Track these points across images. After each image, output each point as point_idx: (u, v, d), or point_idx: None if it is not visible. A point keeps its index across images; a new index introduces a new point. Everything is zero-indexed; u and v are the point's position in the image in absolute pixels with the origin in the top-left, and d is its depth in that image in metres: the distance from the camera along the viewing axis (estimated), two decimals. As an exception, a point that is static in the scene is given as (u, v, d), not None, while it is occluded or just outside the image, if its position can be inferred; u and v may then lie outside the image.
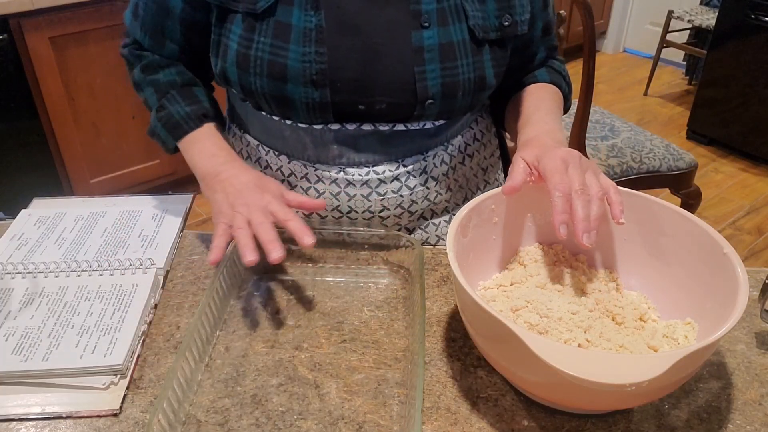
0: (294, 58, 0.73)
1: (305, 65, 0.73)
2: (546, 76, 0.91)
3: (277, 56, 0.74)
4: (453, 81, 0.76)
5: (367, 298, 0.77)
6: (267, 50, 0.74)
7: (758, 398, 0.64)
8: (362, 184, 0.82)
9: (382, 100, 0.77)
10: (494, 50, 0.79)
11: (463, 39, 0.76)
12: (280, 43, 0.74)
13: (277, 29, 0.73)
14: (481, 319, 0.58)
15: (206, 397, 0.64)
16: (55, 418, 0.62)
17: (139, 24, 0.83)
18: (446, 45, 0.75)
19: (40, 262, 0.80)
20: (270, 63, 0.74)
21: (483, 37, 0.77)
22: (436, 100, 0.77)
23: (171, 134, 0.82)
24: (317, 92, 0.75)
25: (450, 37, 0.75)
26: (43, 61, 2.07)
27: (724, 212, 2.65)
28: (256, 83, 0.76)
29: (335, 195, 0.83)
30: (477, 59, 0.77)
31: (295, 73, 0.74)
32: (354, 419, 0.61)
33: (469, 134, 0.89)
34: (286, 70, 0.74)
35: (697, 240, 0.65)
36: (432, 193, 0.86)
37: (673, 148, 1.97)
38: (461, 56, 0.76)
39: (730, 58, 2.92)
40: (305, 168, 0.83)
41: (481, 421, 0.61)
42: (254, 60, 0.75)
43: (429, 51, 0.75)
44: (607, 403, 0.58)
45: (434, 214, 0.89)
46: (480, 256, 0.71)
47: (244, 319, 0.74)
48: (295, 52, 0.73)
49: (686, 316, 0.65)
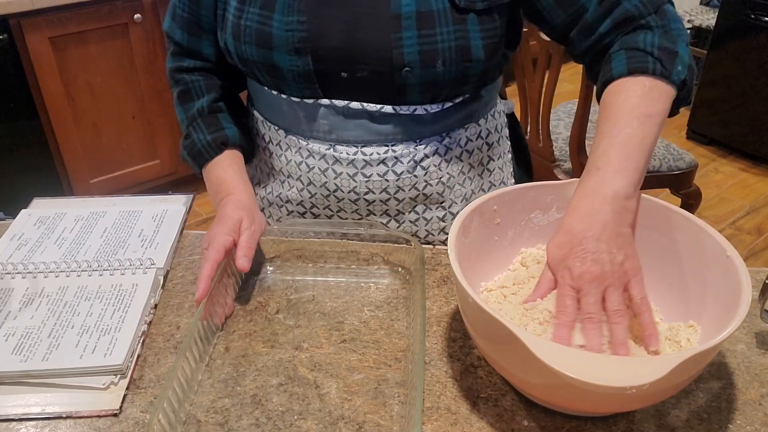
0: (278, 27, 0.78)
1: (288, 33, 0.77)
2: (622, 67, 0.71)
3: (264, 25, 0.78)
4: (431, 49, 0.76)
5: (367, 298, 0.77)
6: (256, 19, 0.79)
7: (758, 398, 0.64)
8: (348, 163, 0.83)
9: (363, 67, 0.78)
10: (482, 20, 0.78)
11: (444, 8, 0.76)
12: (266, 12, 0.78)
13: (264, 0, 0.78)
14: (481, 321, 0.58)
15: (206, 397, 0.64)
16: (55, 418, 0.62)
17: (177, 24, 0.89)
18: (425, 13, 0.76)
19: (40, 262, 0.80)
20: (258, 31, 0.79)
21: (466, 5, 0.76)
22: (414, 68, 0.77)
23: (195, 162, 0.89)
24: (300, 60, 0.78)
25: (429, 5, 0.76)
26: (43, 61, 2.07)
27: (724, 212, 2.65)
28: (247, 51, 0.81)
29: (323, 171, 0.85)
30: (459, 28, 0.77)
31: (279, 41, 0.78)
32: (354, 419, 0.61)
33: (474, 130, 0.89)
34: (271, 38, 0.78)
35: (700, 242, 0.65)
36: (421, 182, 0.86)
37: (673, 148, 1.97)
38: (440, 24, 0.76)
39: (730, 58, 2.92)
40: (299, 142, 0.86)
41: (481, 421, 0.61)
42: (245, 29, 0.80)
43: (406, 18, 0.76)
44: (608, 406, 0.58)
45: (426, 208, 0.88)
46: (482, 257, 0.71)
47: (244, 319, 0.74)
48: (279, 21, 0.78)
49: (689, 318, 0.65)
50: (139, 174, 2.49)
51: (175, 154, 2.54)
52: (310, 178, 0.86)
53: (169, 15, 0.91)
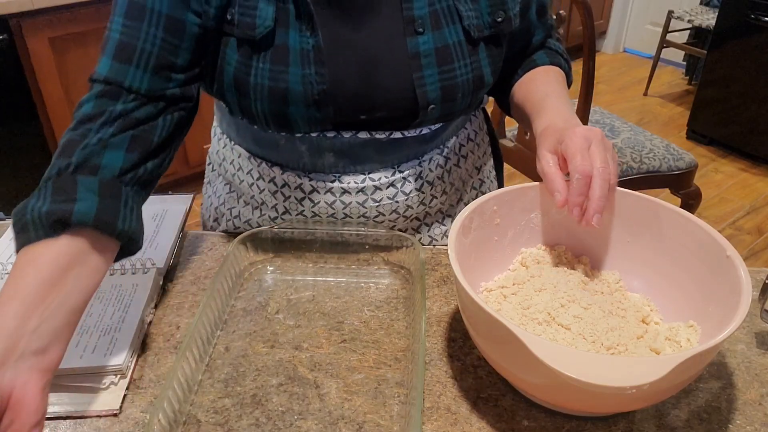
0: (294, 81, 0.72)
1: (307, 87, 0.72)
2: (546, 59, 0.88)
3: (278, 81, 0.72)
4: (452, 84, 0.76)
5: (367, 298, 0.77)
6: (267, 75, 0.72)
7: (758, 398, 0.64)
8: (358, 192, 0.82)
9: (382, 109, 0.76)
10: (489, 48, 0.79)
11: (458, 41, 0.75)
12: (280, 67, 0.71)
13: (275, 54, 0.71)
14: (482, 321, 0.58)
15: (206, 397, 0.64)
16: (56, 418, 0.62)
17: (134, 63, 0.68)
18: (442, 48, 0.75)
19: (40, 262, 0.80)
20: (271, 89, 0.72)
21: (478, 36, 0.76)
22: (437, 104, 0.76)
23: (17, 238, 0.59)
24: (320, 112, 0.74)
25: (445, 40, 0.75)
26: (43, 61, 2.07)
27: (724, 212, 2.65)
28: (257, 107, 0.74)
29: (330, 204, 0.82)
30: (474, 59, 0.77)
31: (296, 95, 0.72)
32: (354, 419, 0.61)
33: (464, 134, 0.89)
34: (287, 94, 0.72)
35: (700, 242, 0.65)
36: (428, 197, 0.86)
37: (673, 148, 1.97)
38: (458, 58, 0.76)
39: (730, 58, 2.92)
40: (299, 178, 0.81)
41: (481, 421, 0.61)
42: (254, 87, 0.73)
43: (425, 56, 0.74)
44: (608, 406, 0.58)
45: (428, 216, 0.89)
46: (482, 257, 0.71)
47: (244, 319, 0.74)
48: (294, 74, 0.71)
49: (689, 318, 0.65)
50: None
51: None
52: (315, 212, 0.83)
53: (109, 55, 0.68)
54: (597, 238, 0.74)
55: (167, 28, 0.69)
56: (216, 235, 0.89)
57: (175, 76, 0.71)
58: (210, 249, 0.86)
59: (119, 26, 0.68)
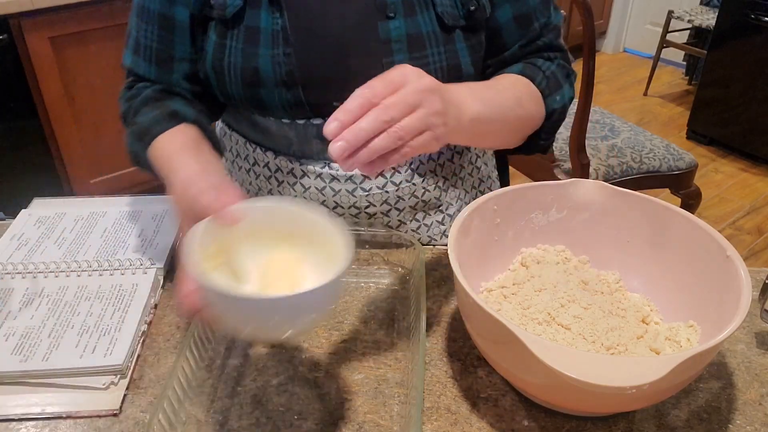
0: (264, 61, 0.74)
1: (275, 67, 0.75)
2: (518, 69, 0.81)
3: (249, 60, 0.75)
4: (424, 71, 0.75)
5: (367, 298, 0.77)
6: (240, 54, 0.75)
7: (758, 398, 0.64)
8: (346, 180, 0.82)
9: None
10: (468, 37, 0.78)
11: (432, 30, 0.76)
12: (251, 47, 0.74)
13: (247, 34, 0.75)
14: (482, 321, 0.58)
15: (206, 397, 0.64)
16: (55, 418, 0.62)
17: (143, 56, 0.80)
18: (414, 35, 0.75)
19: (40, 262, 0.80)
20: (243, 69, 0.75)
21: (452, 24, 0.76)
22: None
23: (141, 142, 0.72)
24: (289, 93, 0.76)
25: (418, 27, 0.75)
26: (43, 61, 2.07)
27: (724, 212, 2.65)
28: (232, 88, 0.77)
29: (320, 190, 0.84)
30: (449, 48, 0.77)
31: (266, 75, 0.75)
32: (354, 419, 0.61)
33: None
34: (258, 74, 0.75)
35: (700, 242, 0.65)
36: (419, 189, 0.86)
37: (673, 148, 1.97)
38: (431, 45, 0.76)
39: (730, 58, 2.92)
40: (291, 163, 0.84)
41: (481, 421, 0.61)
42: (228, 66, 0.76)
43: (396, 42, 0.75)
44: (608, 406, 0.58)
45: (425, 214, 0.88)
46: (482, 257, 0.71)
47: (244, 319, 0.74)
48: (264, 55, 0.74)
49: (689, 318, 0.65)
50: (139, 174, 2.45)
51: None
52: (306, 198, 0.85)
53: (130, 49, 0.81)
54: (597, 238, 0.74)
55: (161, 25, 0.78)
56: (216, 235, 0.89)
57: (177, 66, 0.79)
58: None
59: (133, 23, 0.81)
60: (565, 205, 0.74)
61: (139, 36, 0.79)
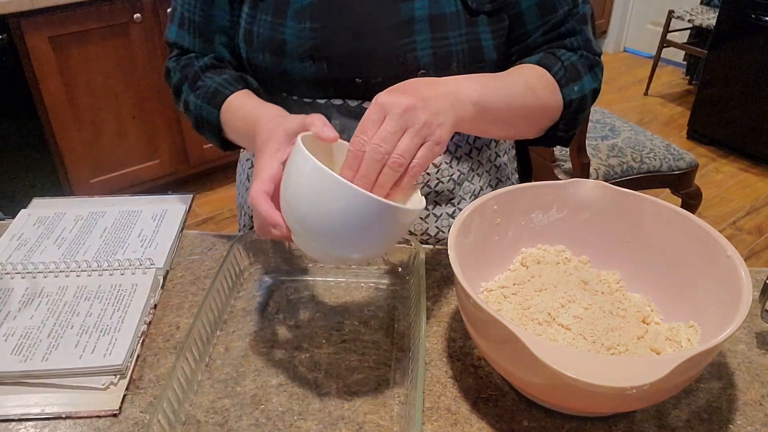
0: (291, 34, 0.78)
1: (301, 40, 0.77)
2: (534, 60, 0.80)
3: (276, 32, 0.78)
4: (446, 51, 0.77)
5: (367, 298, 0.77)
6: (268, 26, 0.79)
7: (759, 398, 0.64)
8: None
9: (377, 73, 0.78)
10: (492, 21, 0.79)
11: (456, 10, 0.76)
12: (278, 19, 0.78)
13: (276, 8, 0.79)
14: (482, 321, 0.58)
15: (206, 397, 0.64)
16: (55, 418, 0.62)
17: (186, 29, 0.85)
18: (437, 16, 0.76)
19: (40, 262, 0.80)
20: (270, 38, 0.79)
21: (477, 7, 0.77)
22: (429, 71, 0.77)
23: (211, 104, 0.80)
24: (314, 66, 0.78)
25: (441, 9, 0.76)
26: (43, 60, 2.07)
27: (725, 212, 2.65)
28: (259, 57, 0.80)
29: None
30: (471, 30, 0.77)
31: (291, 47, 0.78)
32: (354, 419, 0.61)
33: None
34: (284, 45, 0.78)
35: (701, 242, 0.65)
36: (433, 180, 0.86)
37: (673, 148, 1.97)
38: (453, 27, 0.76)
39: (730, 57, 2.92)
40: None
41: (481, 422, 0.61)
42: (256, 36, 0.80)
43: (419, 21, 0.76)
44: (609, 406, 0.57)
45: (436, 205, 0.88)
46: (482, 257, 0.71)
47: (244, 319, 0.74)
48: (291, 27, 0.78)
49: (689, 318, 0.65)
50: (139, 174, 2.49)
51: (175, 153, 2.54)
52: None
53: (175, 23, 0.87)
54: (597, 238, 0.74)
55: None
56: (216, 236, 0.89)
57: (218, 38, 0.85)
58: (210, 249, 0.86)
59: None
60: (566, 205, 0.74)
61: (183, 10, 0.85)
